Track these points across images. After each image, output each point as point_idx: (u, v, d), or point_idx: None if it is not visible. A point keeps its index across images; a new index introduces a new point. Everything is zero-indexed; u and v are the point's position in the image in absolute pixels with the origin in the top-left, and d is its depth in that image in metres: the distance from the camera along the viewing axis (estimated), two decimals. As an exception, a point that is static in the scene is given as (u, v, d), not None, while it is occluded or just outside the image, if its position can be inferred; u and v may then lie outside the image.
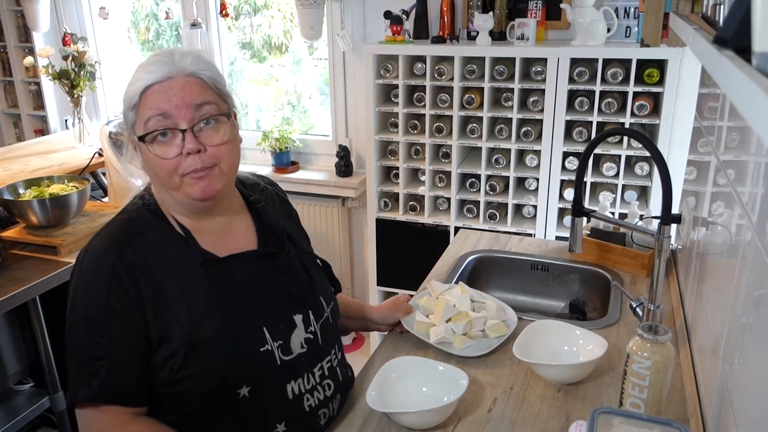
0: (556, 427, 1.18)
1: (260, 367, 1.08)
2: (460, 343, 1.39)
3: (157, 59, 1.04)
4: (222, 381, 1.05)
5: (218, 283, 1.08)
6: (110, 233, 1.08)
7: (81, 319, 1.04)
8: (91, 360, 1.02)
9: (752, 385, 0.82)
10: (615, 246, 1.79)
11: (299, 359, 1.13)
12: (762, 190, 0.84)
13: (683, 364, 1.34)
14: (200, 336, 1.03)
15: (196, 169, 1.04)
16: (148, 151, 1.04)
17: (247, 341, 1.07)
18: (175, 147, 1.03)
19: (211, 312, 1.05)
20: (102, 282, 1.02)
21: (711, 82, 1.44)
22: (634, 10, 2.47)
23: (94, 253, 1.06)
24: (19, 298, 1.87)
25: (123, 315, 1.02)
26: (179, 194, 1.07)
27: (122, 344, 1.03)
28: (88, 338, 1.03)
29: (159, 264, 1.05)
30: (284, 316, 1.13)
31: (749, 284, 0.88)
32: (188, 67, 1.04)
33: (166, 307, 1.04)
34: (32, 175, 2.56)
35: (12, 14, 3.72)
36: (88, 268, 1.05)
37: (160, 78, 1.02)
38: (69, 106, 3.30)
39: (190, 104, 1.03)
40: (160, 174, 1.05)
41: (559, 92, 2.38)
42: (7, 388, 2.16)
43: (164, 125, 1.02)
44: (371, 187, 2.80)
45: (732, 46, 0.58)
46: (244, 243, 1.16)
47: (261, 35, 3.61)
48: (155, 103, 1.02)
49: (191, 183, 1.05)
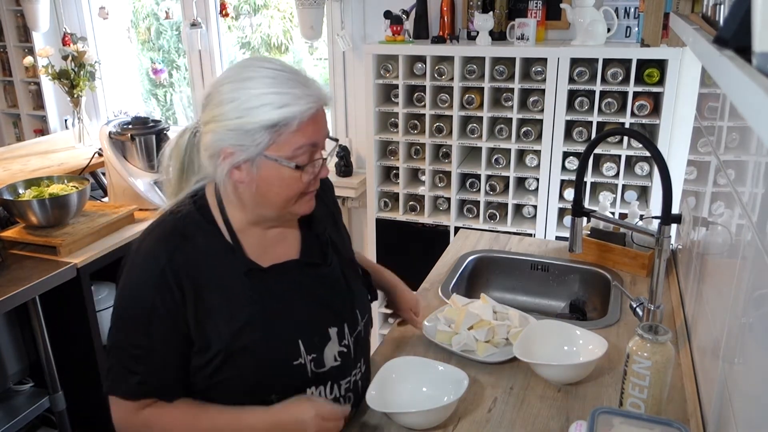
0: (556, 427, 1.18)
1: (292, 378, 1.10)
2: (483, 350, 1.38)
3: (296, 78, 1.03)
4: (252, 389, 1.09)
5: (260, 292, 1.09)
6: (162, 234, 1.08)
7: (124, 317, 1.07)
8: (130, 358, 1.06)
9: (752, 385, 0.82)
10: (615, 246, 1.79)
11: (331, 372, 1.14)
12: (762, 190, 0.84)
13: (683, 364, 1.34)
14: (238, 345, 1.06)
15: (313, 190, 1.10)
16: (281, 174, 1.04)
17: (281, 354, 1.09)
18: (312, 172, 1.07)
19: (251, 322, 1.07)
20: (149, 282, 1.04)
21: (711, 82, 1.44)
22: (634, 10, 2.47)
23: (145, 252, 1.07)
24: (19, 298, 1.86)
25: (165, 316, 1.04)
26: (284, 211, 1.09)
27: (162, 344, 1.05)
28: (130, 336, 1.06)
29: (205, 270, 1.06)
30: (319, 328, 1.14)
31: (749, 284, 0.88)
32: (324, 95, 1.06)
33: (207, 316, 1.06)
34: (32, 175, 2.56)
35: (12, 14, 3.72)
36: (138, 267, 1.07)
37: (318, 106, 1.04)
38: (69, 106, 3.30)
39: (326, 135, 1.08)
40: (285, 195, 1.06)
41: (559, 92, 2.38)
42: (7, 388, 2.16)
43: (313, 155, 1.06)
44: (371, 187, 2.80)
45: (732, 46, 0.58)
46: (288, 251, 1.16)
47: (260, 35, 3.61)
48: (311, 133, 1.03)
49: (305, 201, 1.10)
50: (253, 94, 1.00)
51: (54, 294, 2.02)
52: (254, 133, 1.00)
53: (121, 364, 1.07)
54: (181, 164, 1.13)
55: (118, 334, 1.08)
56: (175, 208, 1.11)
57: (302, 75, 1.06)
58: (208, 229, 1.09)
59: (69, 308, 2.15)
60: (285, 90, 1.01)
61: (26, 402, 2.13)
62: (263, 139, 1.00)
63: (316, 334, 1.12)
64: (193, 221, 1.09)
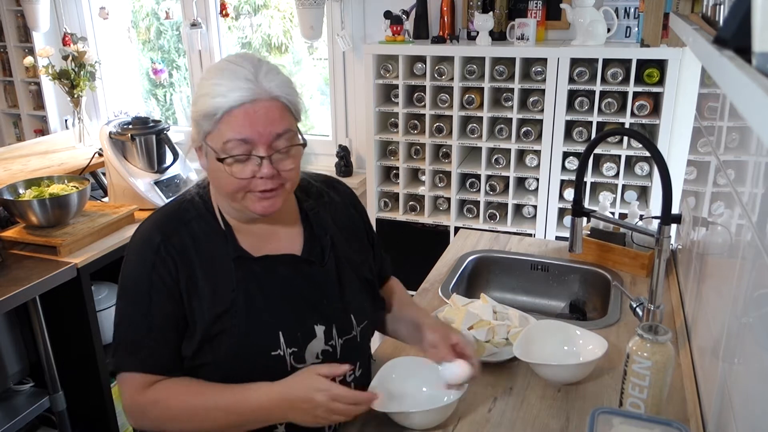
0: (556, 427, 1.18)
1: (269, 369, 1.09)
2: (483, 350, 1.38)
3: (242, 73, 1.02)
4: (227, 376, 1.08)
5: (246, 280, 1.11)
6: (161, 216, 1.15)
7: (128, 294, 1.11)
8: (136, 333, 1.09)
9: (752, 385, 0.82)
10: (615, 246, 1.79)
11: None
12: (762, 190, 0.84)
13: (683, 364, 1.34)
14: (215, 329, 1.08)
15: (264, 190, 1.06)
16: (219, 166, 1.05)
17: (258, 342, 1.09)
18: (249, 169, 1.04)
19: (233, 308, 1.09)
20: (147, 258, 1.09)
21: (711, 82, 1.44)
22: (634, 10, 2.47)
23: (144, 231, 1.13)
24: (19, 298, 1.86)
25: (164, 292, 1.08)
26: (238, 205, 1.10)
27: (163, 320, 1.08)
28: (134, 312, 1.09)
29: (196, 255, 1.10)
30: (304, 324, 1.13)
31: (749, 284, 0.88)
32: (273, 90, 1.04)
33: (195, 295, 1.09)
34: (32, 175, 2.56)
35: (12, 14, 3.72)
36: (137, 244, 1.13)
37: (246, 99, 1.01)
38: (69, 106, 3.30)
39: (271, 133, 1.03)
40: (226, 187, 1.07)
41: (559, 92, 2.38)
42: (7, 388, 2.16)
43: (244, 150, 1.03)
44: (371, 187, 2.80)
45: (732, 46, 0.58)
46: (286, 246, 1.17)
47: (261, 35, 3.61)
48: (238, 128, 1.02)
49: (255, 200, 1.07)
50: (203, 84, 1.05)
51: (54, 294, 2.02)
52: (198, 122, 1.05)
53: (128, 339, 1.10)
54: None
55: (124, 310, 1.11)
56: (182, 193, 1.18)
57: (261, 70, 1.04)
58: (204, 215, 1.14)
59: (69, 308, 2.15)
60: (222, 81, 1.02)
61: (26, 402, 2.13)
62: (204, 127, 1.05)
63: (300, 330, 1.12)
64: (193, 206, 1.15)
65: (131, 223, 2.34)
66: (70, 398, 2.19)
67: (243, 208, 1.10)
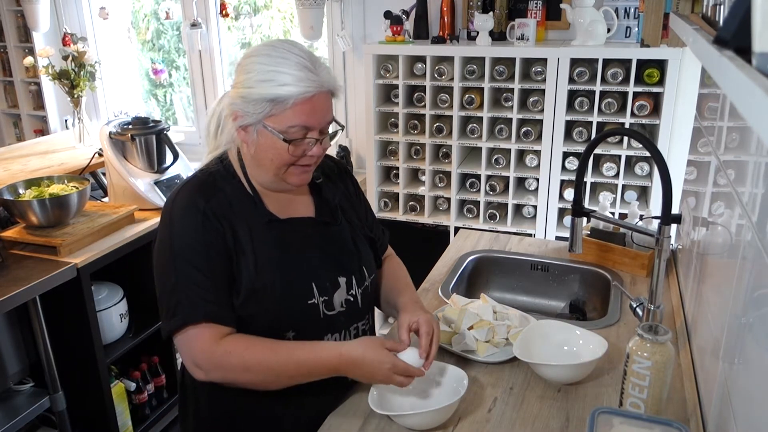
0: (556, 427, 1.18)
1: (306, 316, 1.22)
2: (483, 350, 1.39)
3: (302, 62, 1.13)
4: (272, 324, 1.20)
5: (279, 240, 1.22)
6: (195, 185, 1.22)
7: (185, 254, 1.16)
8: (200, 288, 1.15)
9: (752, 385, 0.82)
10: (615, 246, 1.79)
11: (339, 317, 1.26)
12: (762, 190, 0.84)
13: (683, 364, 1.34)
14: (260, 283, 1.18)
15: (306, 165, 1.20)
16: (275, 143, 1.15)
17: (297, 292, 1.21)
18: (302, 148, 1.17)
19: (271, 264, 1.19)
20: (197, 221, 1.16)
21: (711, 82, 1.44)
22: (634, 10, 2.47)
23: (183, 200, 1.19)
24: (19, 298, 1.86)
25: (217, 247, 1.16)
26: (276, 177, 1.21)
27: (221, 271, 1.17)
28: (193, 267, 1.15)
29: (234, 216, 1.20)
30: (330, 275, 1.26)
31: (749, 284, 0.88)
32: (328, 83, 1.16)
33: (240, 254, 1.18)
34: (32, 175, 2.56)
35: (12, 14, 3.72)
36: (180, 211, 1.18)
37: (314, 91, 1.13)
38: (69, 106, 3.30)
39: (325, 120, 1.18)
40: (276, 161, 1.17)
41: (559, 92, 2.38)
42: (7, 388, 2.16)
43: (303, 134, 1.16)
44: (371, 187, 2.80)
45: (732, 47, 0.58)
46: (303, 211, 1.30)
47: (261, 35, 3.61)
48: (304, 116, 1.14)
49: (297, 173, 1.20)
50: (264, 69, 1.13)
51: (54, 294, 2.02)
52: (257, 103, 1.13)
53: (192, 296, 1.14)
54: (217, 121, 1.26)
55: (183, 269, 1.15)
56: (204, 167, 1.25)
57: (315, 61, 1.16)
58: (231, 182, 1.23)
59: (69, 308, 2.15)
60: (290, 71, 1.12)
61: (26, 402, 2.13)
62: (264, 109, 1.13)
63: (328, 280, 1.25)
64: (221, 176, 1.23)
65: (131, 223, 2.34)
66: (70, 398, 2.19)
67: (280, 180, 1.21)
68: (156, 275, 1.21)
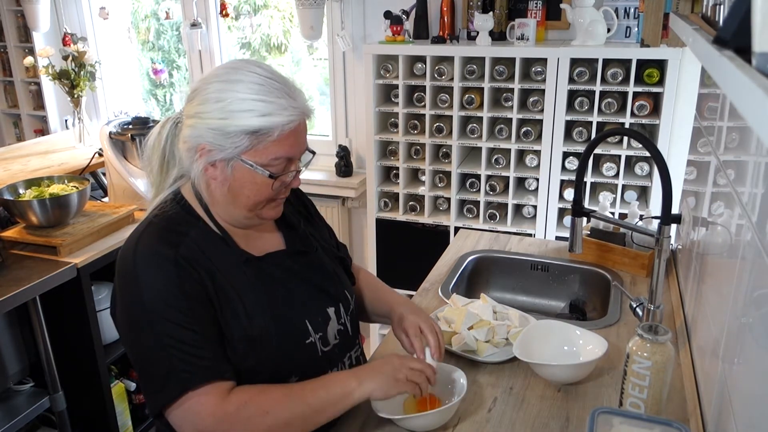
0: (556, 427, 1.18)
1: (306, 356, 1.15)
2: (483, 350, 1.39)
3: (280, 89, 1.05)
4: (273, 373, 1.11)
5: (261, 280, 1.12)
6: (155, 234, 1.07)
7: (164, 316, 1.01)
8: (191, 347, 1.01)
9: (752, 385, 0.82)
10: (615, 246, 1.79)
11: (334, 350, 1.20)
12: (762, 190, 0.84)
13: (683, 364, 1.34)
14: (254, 331, 1.08)
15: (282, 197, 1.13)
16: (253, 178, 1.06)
17: (294, 334, 1.13)
18: (283, 181, 1.10)
19: (261, 308, 1.10)
20: (170, 272, 1.02)
21: (711, 82, 1.44)
22: (634, 10, 2.47)
23: (146, 252, 1.04)
24: (19, 298, 1.87)
25: (199, 297, 1.04)
26: (248, 213, 1.11)
27: (209, 322, 1.05)
28: (176, 325, 1.01)
29: (208, 261, 1.07)
30: (321, 309, 1.19)
31: (749, 284, 0.88)
32: (306, 108, 1.08)
33: (225, 303, 1.07)
34: (32, 175, 2.56)
35: (12, 14, 3.72)
36: (146, 265, 1.03)
37: (296, 122, 1.05)
38: (69, 106, 3.30)
39: (305, 148, 1.12)
40: (254, 198, 1.08)
41: (559, 92, 2.38)
42: (7, 388, 2.16)
43: (286, 166, 1.08)
44: (371, 187, 2.80)
45: (732, 46, 0.58)
46: (274, 244, 1.20)
47: (260, 35, 3.61)
48: (287, 148, 1.06)
49: (273, 207, 1.13)
50: (239, 97, 1.02)
51: (54, 294, 2.02)
52: (234, 136, 1.02)
53: (185, 358, 1.01)
54: (162, 153, 1.13)
55: (167, 332, 1.01)
56: (158, 211, 1.11)
57: (290, 85, 1.07)
58: (196, 224, 1.11)
59: (69, 308, 2.15)
60: (271, 99, 1.03)
61: (26, 402, 2.13)
62: (242, 143, 1.03)
63: (319, 314, 1.18)
64: (182, 219, 1.11)
65: (131, 223, 2.34)
66: (70, 398, 2.19)
67: (254, 216, 1.12)
68: (128, 345, 1.06)
